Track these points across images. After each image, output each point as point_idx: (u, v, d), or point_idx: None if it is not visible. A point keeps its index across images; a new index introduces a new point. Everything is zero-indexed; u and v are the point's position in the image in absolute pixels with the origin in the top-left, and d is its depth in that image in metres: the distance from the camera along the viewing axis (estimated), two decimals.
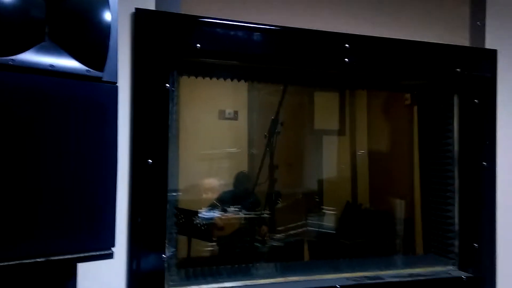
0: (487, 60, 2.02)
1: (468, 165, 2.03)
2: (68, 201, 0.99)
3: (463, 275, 1.97)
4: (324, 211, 3.27)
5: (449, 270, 2.02)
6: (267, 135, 2.90)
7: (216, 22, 1.65)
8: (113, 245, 1.06)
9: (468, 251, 2.01)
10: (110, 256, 1.05)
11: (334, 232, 3.12)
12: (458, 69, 1.98)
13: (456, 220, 2.05)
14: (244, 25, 1.69)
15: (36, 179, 0.95)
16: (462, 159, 2.05)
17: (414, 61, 1.93)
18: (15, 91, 0.94)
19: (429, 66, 1.97)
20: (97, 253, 1.03)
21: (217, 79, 1.90)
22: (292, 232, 2.98)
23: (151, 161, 1.53)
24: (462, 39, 2.05)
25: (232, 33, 1.68)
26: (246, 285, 1.73)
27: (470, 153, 2.03)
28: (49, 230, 0.96)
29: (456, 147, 2.08)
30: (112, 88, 1.10)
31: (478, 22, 2.07)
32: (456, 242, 2.04)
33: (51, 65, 1.00)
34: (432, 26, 2.00)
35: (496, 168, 2.01)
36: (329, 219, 3.22)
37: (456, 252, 2.05)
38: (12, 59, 0.94)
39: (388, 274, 1.91)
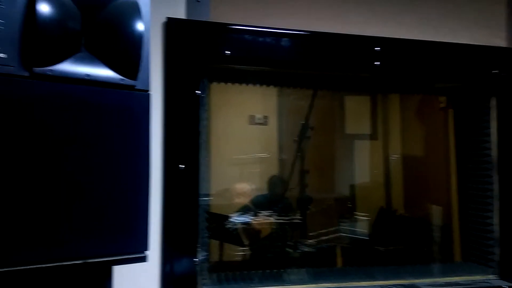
0: None
1: (508, 169, 1.96)
2: (104, 206, 1.02)
3: (504, 284, 1.89)
4: (357, 216, 3.22)
5: (489, 279, 1.94)
6: (297, 140, 2.89)
7: (244, 29, 1.67)
8: (147, 249, 1.09)
9: (509, 259, 1.93)
10: (143, 259, 1.08)
11: (367, 238, 3.05)
12: (495, 71, 1.91)
13: (497, 227, 1.97)
14: (272, 31, 1.70)
15: (74, 184, 0.99)
16: (501, 163, 1.98)
17: (447, 63, 1.89)
18: (54, 100, 0.98)
19: (464, 68, 1.92)
20: (132, 256, 1.06)
21: (247, 84, 1.92)
22: (324, 237, 2.95)
23: (183, 166, 1.56)
24: (498, 39, 1.98)
25: (260, 39, 1.69)
26: None
27: (510, 157, 1.95)
28: (86, 234, 0.99)
29: (495, 151, 2.00)
30: (145, 96, 1.13)
31: None
32: (497, 250, 1.96)
33: (87, 75, 1.04)
34: (466, 26, 1.95)
35: None
36: (362, 225, 3.17)
37: (497, 261, 1.97)
38: (51, 70, 0.98)
39: (424, 282, 1.85)
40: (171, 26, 1.61)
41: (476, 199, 2.08)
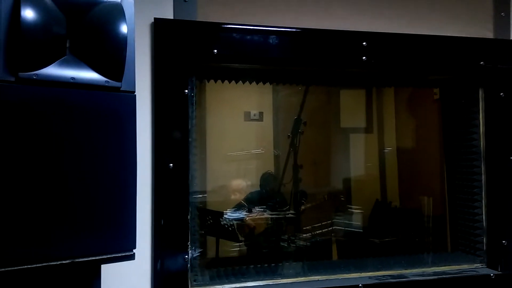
0: None
1: (495, 160, 1.98)
2: (91, 206, 1.05)
3: (491, 272, 1.92)
4: (352, 210, 3.24)
5: (477, 268, 1.97)
6: (290, 135, 2.91)
7: (231, 27, 1.69)
8: (134, 247, 1.11)
9: (496, 248, 1.96)
10: (131, 257, 1.11)
11: (362, 231, 3.08)
12: (482, 62, 1.94)
13: (484, 216, 2.00)
14: (260, 29, 1.72)
15: (60, 184, 1.01)
16: (488, 154, 2.00)
17: (435, 56, 1.91)
18: (39, 104, 1.00)
19: (451, 60, 1.93)
20: (120, 254, 1.09)
21: (236, 82, 1.94)
22: (318, 231, 2.98)
23: (172, 165, 1.59)
24: (486, 31, 2.00)
25: (248, 37, 1.71)
26: (268, 284, 1.75)
27: (497, 148, 1.98)
28: (73, 233, 1.02)
29: (482, 142, 2.03)
30: (130, 97, 1.15)
31: (502, 13, 2.02)
32: (484, 239, 2.00)
33: (72, 78, 1.06)
34: (454, 19, 1.97)
35: None
36: (357, 217, 3.20)
37: (484, 250, 2.00)
38: (36, 74, 1.01)
39: (413, 272, 1.88)
40: (159, 27, 1.63)
41: (464, 189, 2.11)
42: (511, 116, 1.97)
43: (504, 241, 1.93)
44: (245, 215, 2.76)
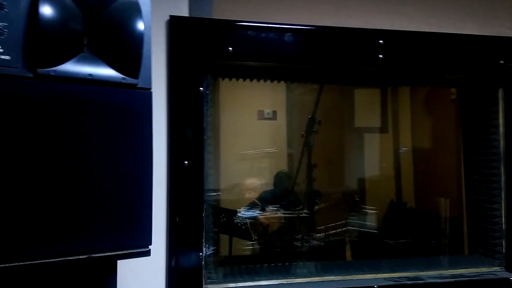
0: None
1: None
2: (108, 202, 1.05)
3: (510, 276, 1.88)
4: (366, 210, 3.21)
5: (495, 271, 1.93)
6: (304, 134, 2.89)
7: (246, 25, 1.69)
8: (150, 243, 1.12)
9: None
10: (147, 253, 1.11)
11: (376, 231, 3.05)
12: (502, 61, 1.89)
13: (503, 219, 1.96)
14: (275, 27, 1.71)
15: (78, 180, 1.02)
16: (508, 156, 1.96)
17: (453, 55, 1.87)
18: (58, 100, 1.01)
19: (470, 59, 1.90)
20: (135, 250, 1.09)
21: (251, 80, 1.93)
22: (332, 231, 2.96)
23: (187, 162, 1.59)
24: (505, 29, 1.96)
25: (263, 35, 1.70)
26: (282, 283, 1.75)
27: None
28: (90, 229, 1.03)
29: (502, 143, 1.99)
30: (146, 94, 1.15)
31: None
32: (503, 242, 1.96)
33: (90, 74, 1.07)
34: (472, 17, 1.93)
35: None
36: (371, 218, 3.16)
37: (503, 253, 1.96)
38: (54, 70, 1.01)
39: (429, 274, 1.86)
40: (174, 24, 1.63)
41: (483, 191, 2.07)
42: None
43: None
44: (258, 213, 2.76)
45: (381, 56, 1.79)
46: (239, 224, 2.67)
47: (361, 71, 2.04)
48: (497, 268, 1.95)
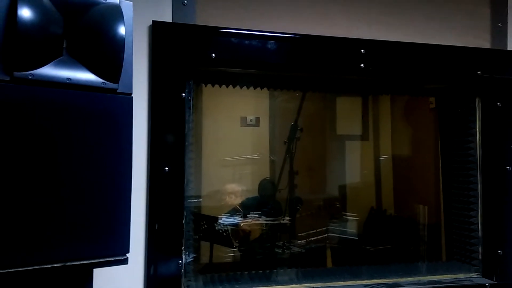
0: (510, 62, 1.98)
1: (491, 169, 1.98)
2: (84, 208, 1.03)
3: (486, 282, 1.91)
4: (346, 217, 3.24)
5: (472, 277, 1.96)
6: (287, 141, 2.91)
7: (230, 32, 1.69)
8: (128, 251, 1.10)
9: (492, 258, 1.95)
10: (124, 261, 1.09)
11: (357, 238, 3.08)
12: (479, 72, 1.94)
13: (480, 226, 1.99)
14: (258, 34, 1.71)
15: (53, 186, 1.00)
16: (485, 164, 2.01)
17: (432, 65, 1.91)
18: (34, 104, 0.99)
19: (448, 69, 1.94)
20: (112, 258, 1.07)
21: (234, 87, 1.93)
22: (313, 238, 2.97)
23: (167, 168, 1.57)
24: (483, 41, 2.01)
25: (246, 42, 1.70)
26: None
27: (493, 157, 1.98)
28: (65, 236, 1.00)
29: (479, 151, 2.03)
30: (127, 99, 1.14)
31: (499, 24, 2.03)
32: (480, 249, 1.99)
33: (68, 79, 1.05)
34: (451, 28, 1.98)
35: None
36: (352, 225, 3.19)
37: (480, 259, 1.99)
38: (32, 74, 1.00)
39: (408, 281, 1.87)
40: (157, 30, 1.62)
41: (460, 198, 2.11)
42: (507, 126, 1.97)
43: (499, 251, 1.93)
44: (239, 220, 2.75)
45: (362, 65, 1.82)
46: (220, 231, 2.66)
47: (343, 79, 2.05)
48: (474, 274, 1.98)
